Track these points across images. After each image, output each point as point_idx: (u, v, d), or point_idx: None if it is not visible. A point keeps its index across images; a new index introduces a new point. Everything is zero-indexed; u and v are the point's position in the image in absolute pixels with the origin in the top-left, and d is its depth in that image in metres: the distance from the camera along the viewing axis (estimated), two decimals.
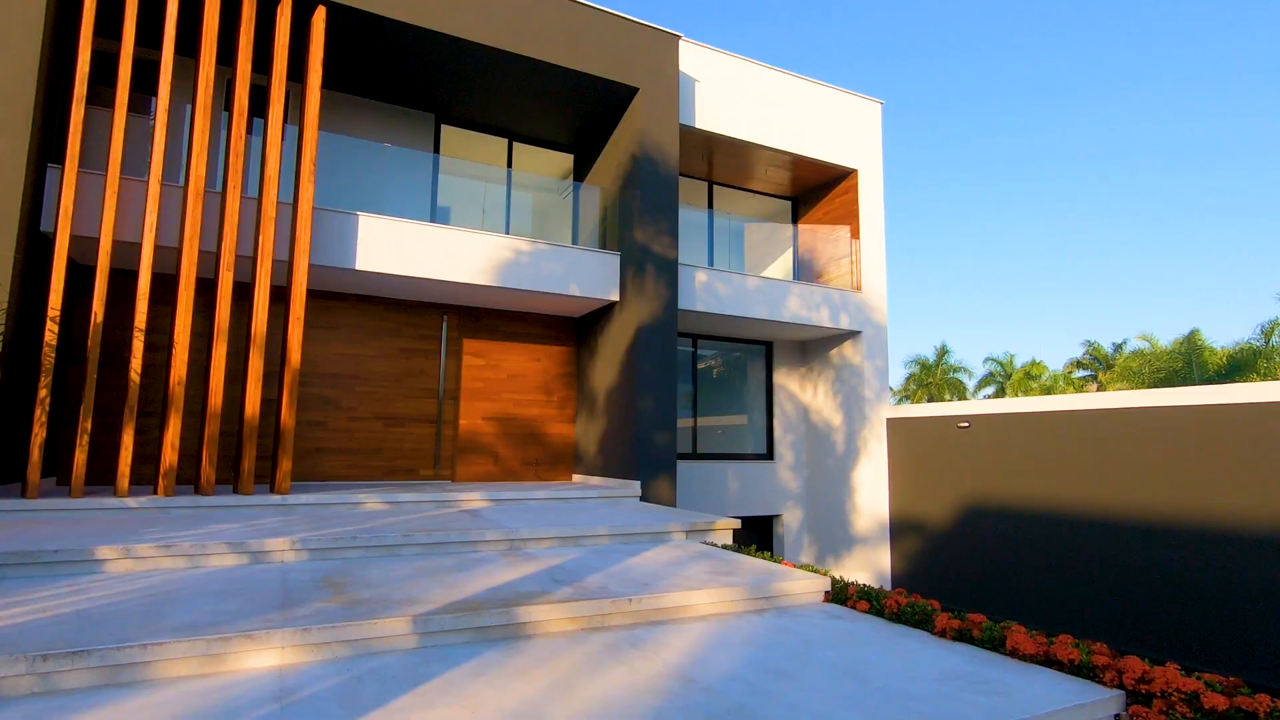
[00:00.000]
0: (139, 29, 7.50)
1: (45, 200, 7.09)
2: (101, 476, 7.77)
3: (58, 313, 6.71)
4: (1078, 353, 36.82)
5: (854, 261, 12.36)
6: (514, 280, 9.22)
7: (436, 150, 10.58)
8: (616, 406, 9.86)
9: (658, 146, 9.99)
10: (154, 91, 7.49)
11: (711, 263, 12.38)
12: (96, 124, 7.37)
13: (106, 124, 7.25)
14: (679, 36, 10.40)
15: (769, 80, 11.80)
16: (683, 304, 10.33)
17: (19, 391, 6.74)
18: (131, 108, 7.25)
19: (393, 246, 8.52)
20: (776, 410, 13.13)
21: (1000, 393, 37.88)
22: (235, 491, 7.41)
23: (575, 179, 11.83)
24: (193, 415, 8.04)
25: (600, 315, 10.52)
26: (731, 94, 11.37)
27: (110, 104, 7.26)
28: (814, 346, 13.18)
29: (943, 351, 38.67)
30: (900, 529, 11.52)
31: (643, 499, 9.19)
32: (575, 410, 11.15)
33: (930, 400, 37.68)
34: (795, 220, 13.93)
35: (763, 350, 13.26)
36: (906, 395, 39.25)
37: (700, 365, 12.77)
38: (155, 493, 7.02)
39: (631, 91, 9.99)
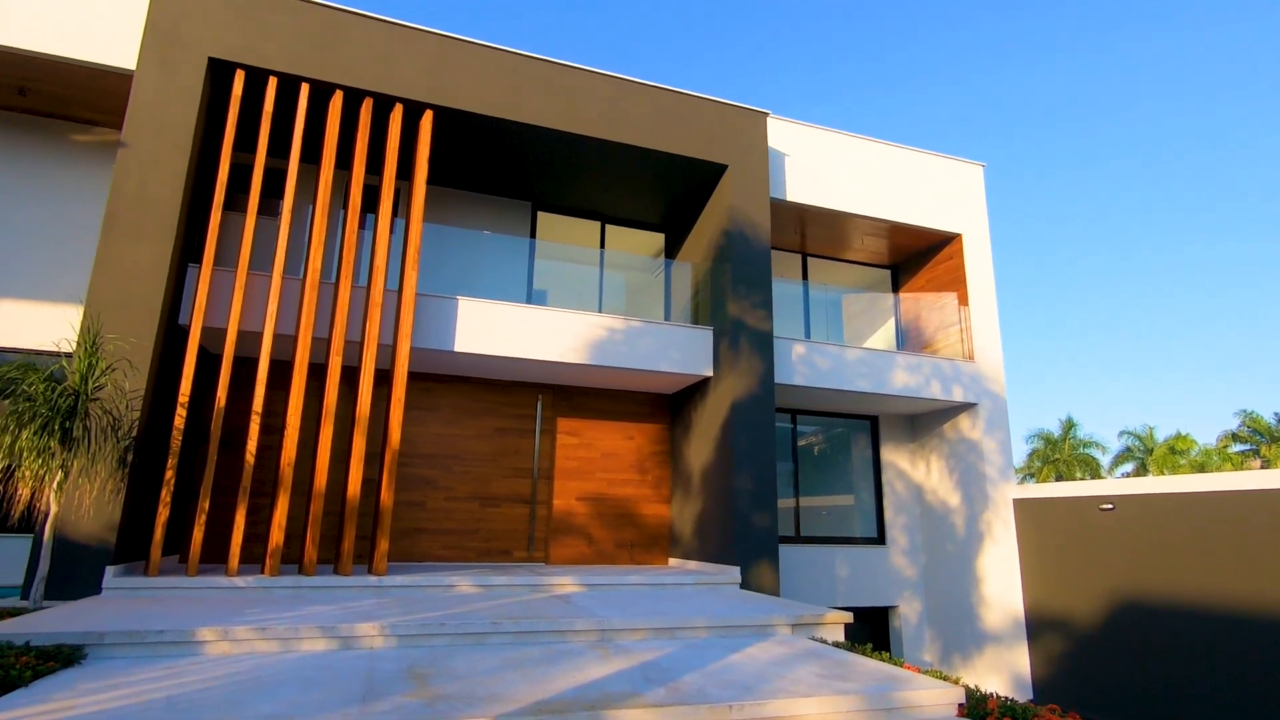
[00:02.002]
0: (270, 142, 8.28)
1: (184, 296, 7.76)
2: (217, 553, 8.08)
3: (187, 398, 7.19)
4: (1231, 424, 32.80)
5: (964, 329, 11.60)
6: (606, 358, 9.19)
7: (533, 235, 10.97)
8: (713, 486, 9.45)
9: (749, 221, 9.91)
10: (280, 195, 8.19)
11: (808, 335, 11.97)
12: (229, 226, 8.10)
13: (238, 226, 7.96)
14: (767, 114, 10.48)
15: (861, 150, 11.62)
16: (779, 378, 9.94)
17: (150, 473, 7.19)
18: (261, 210, 7.94)
19: (489, 328, 8.73)
20: (886, 489, 12.22)
21: (1141, 470, 34.10)
22: (335, 571, 7.50)
23: (666, 256, 11.92)
24: (300, 495, 8.32)
25: (694, 391, 10.29)
26: (823, 166, 11.24)
27: (243, 208, 7.99)
28: (924, 420, 12.32)
29: (1069, 425, 35.53)
30: (1039, 626, 10.18)
31: (743, 586, 8.60)
32: (670, 490, 10.80)
33: (1059, 478, 34.43)
34: (896, 289, 13.36)
35: (867, 425, 12.51)
36: (1031, 473, 36.07)
37: (800, 442, 12.18)
38: (262, 571, 7.20)
39: (721, 169, 10.06)
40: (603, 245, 11.49)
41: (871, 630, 11.51)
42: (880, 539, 11.99)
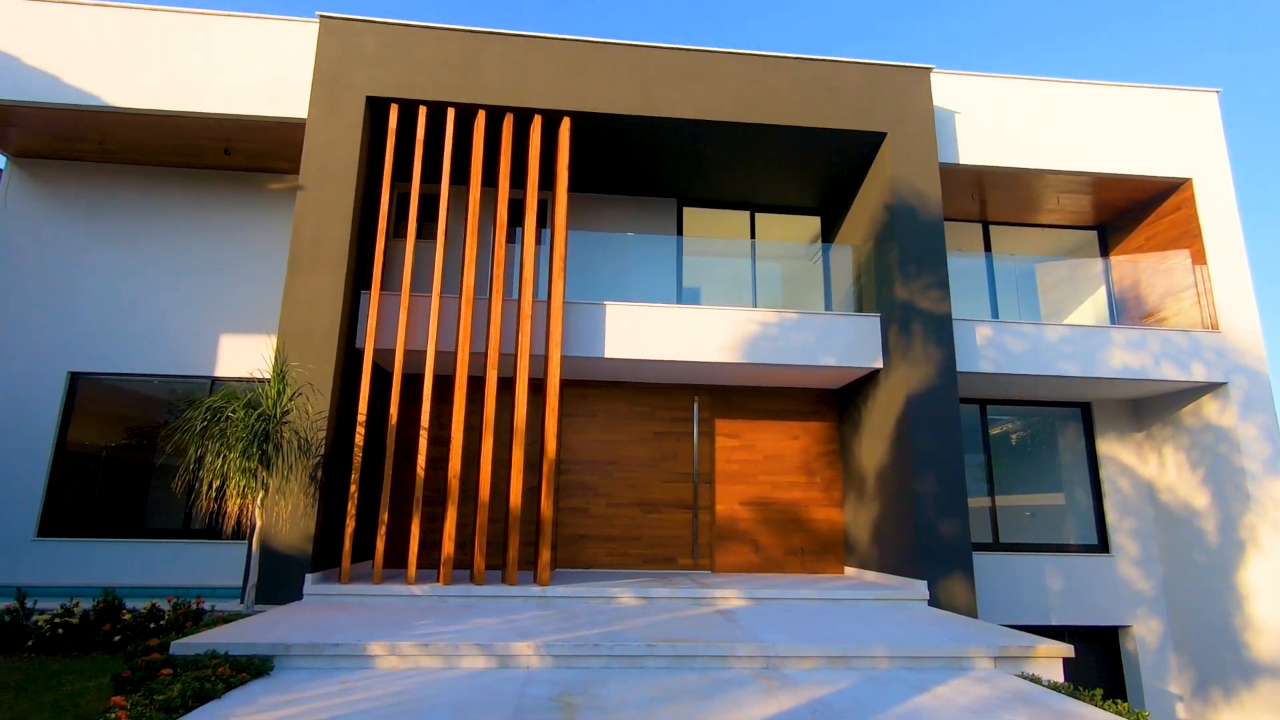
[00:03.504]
0: (423, 168, 8.67)
1: (358, 321, 8.33)
2: (398, 558, 8.60)
3: (364, 417, 7.71)
4: None
5: (1203, 293, 9.54)
6: (762, 355, 8.62)
7: (679, 232, 10.65)
8: (890, 488, 8.53)
9: (914, 192, 8.85)
10: (435, 218, 8.56)
11: (996, 314, 10.50)
12: (392, 251, 8.60)
13: (401, 251, 8.43)
14: (929, 69, 9.30)
15: (1051, 94, 9.98)
16: (962, 365, 8.76)
17: (336, 488, 7.78)
18: (419, 234, 8.35)
19: (638, 332, 8.53)
20: (1107, 487, 10.41)
21: None
22: (503, 580, 7.67)
23: (824, 241, 11.06)
24: (467, 505, 8.66)
25: (862, 385, 9.39)
26: (1003, 119, 9.79)
27: (403, 234, 8.45)
28: (1152, 405, 10.33)
29: None
30: None
31: (931, 602, 7.64)
32: (842, 493, 9.96)
33: None
34: (1105, 252, 11.38)
35: (1077, 413, 10.75)
36: None
37: (994, 430, 10.72)
38: (437, 580, 7.52)
39: (878, 138, 9.08)
40: (753, 235, 10.89)
41: (1100, 655, 9.84)
42: (1103, 546, 10.23)
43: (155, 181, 9.86)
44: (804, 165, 9.82)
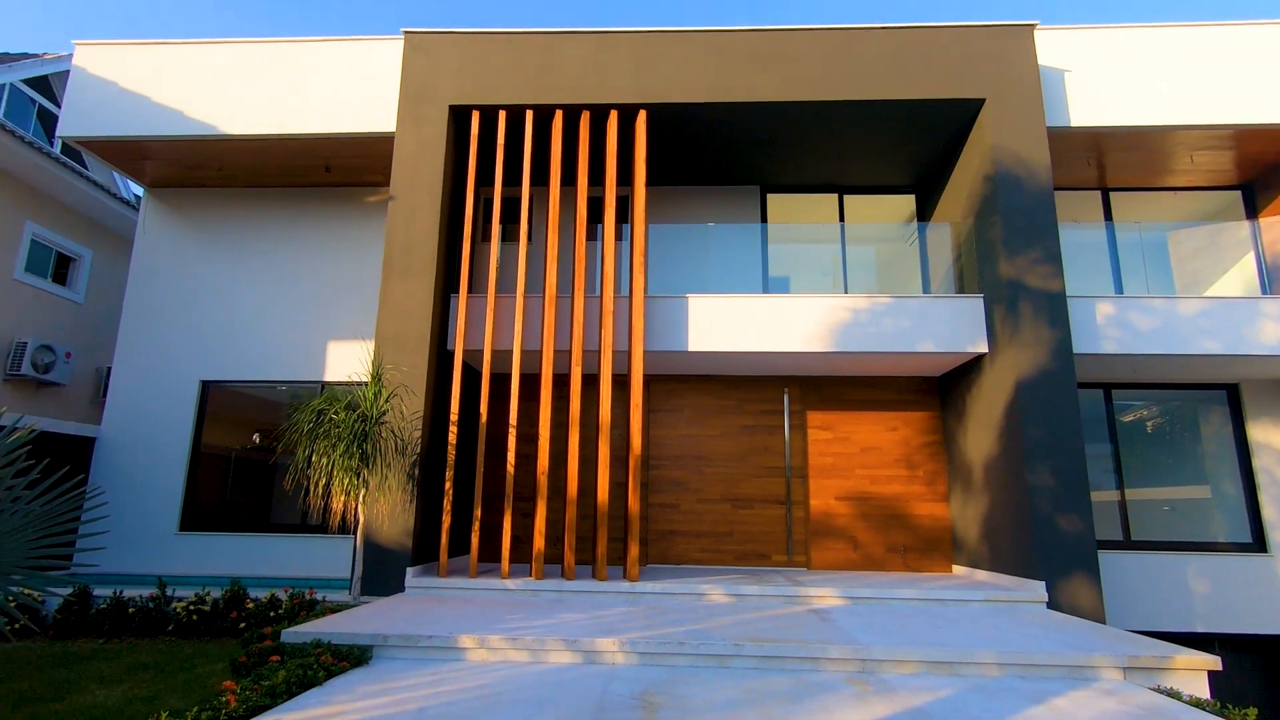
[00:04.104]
0: (505, 172, 8.84)
1: (449, 323, 8.61)
2: (492, 552, 8.84)
3: (457, 416, 7.97)
4: None
5: None
6: (854, 343, 8.23)
7: (763, 219, 10.35)
8: (1001, 481, 7.93)
9: (1019, 160, 8.16)
10: (517, 220, 8.72)
11: (1119, 288, 9.55)
12: (478, 254, 8.82)
13: (487, 254, 8.64)
14: (1033, 25, 8.56)
15: (1176, 41, 8.93)
16: (1080, 347, 8.00)
17: (432, 485, 8.08)
18: (502, 237, 8.54)
19: (722, 324, 8.35)
20: (1262, 479, 9.23)
21: None
22: (593, 576, 7.71)
23: (919, 220, 10.43)
24: (556, 501, 8.77)
25: (966, 371, 8.78)
26: (1121, 74, 8.86)
27: (488, 237, 8.66)
28: None
29: None
30: None
31: (1050, 605, 7.03)
32: (947, 486, 9.36)
33: None
34: (1253, 213, 10.09)
35: (1222, 395, 9.59)
36: None
37: (1127, 417, 9.74)
38: (530, 575, 7.66)
39: (976, 105, 8.45)
40: (842, 218, 10.42)
41: (1259, 668, 8.75)
42: (1259, 544, 9.08)
43: (265, 201, 10.60)
44: (894, 141, 9.29)
